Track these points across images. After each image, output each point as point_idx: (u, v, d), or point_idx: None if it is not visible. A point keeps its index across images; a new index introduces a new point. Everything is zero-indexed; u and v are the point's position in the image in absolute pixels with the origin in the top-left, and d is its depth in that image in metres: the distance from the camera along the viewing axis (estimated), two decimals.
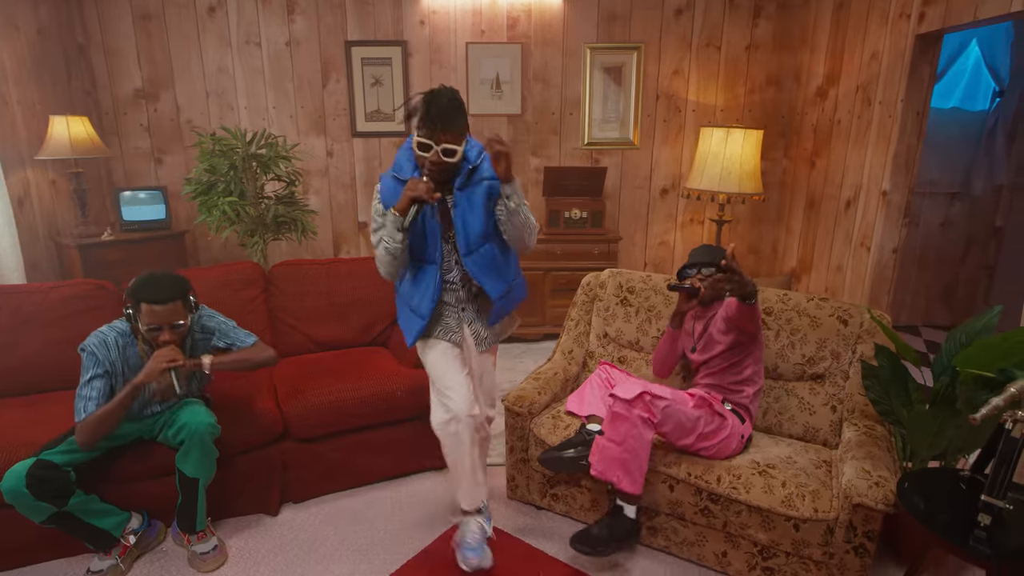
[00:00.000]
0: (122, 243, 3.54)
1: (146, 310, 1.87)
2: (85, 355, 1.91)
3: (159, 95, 4.03)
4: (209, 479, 2.03)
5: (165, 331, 1.90)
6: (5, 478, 1.76)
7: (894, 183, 3.15)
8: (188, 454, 1.95)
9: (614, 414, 1.95)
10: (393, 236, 1.77)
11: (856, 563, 1.77)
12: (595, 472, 1.97)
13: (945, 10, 2.75)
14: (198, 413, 1.98)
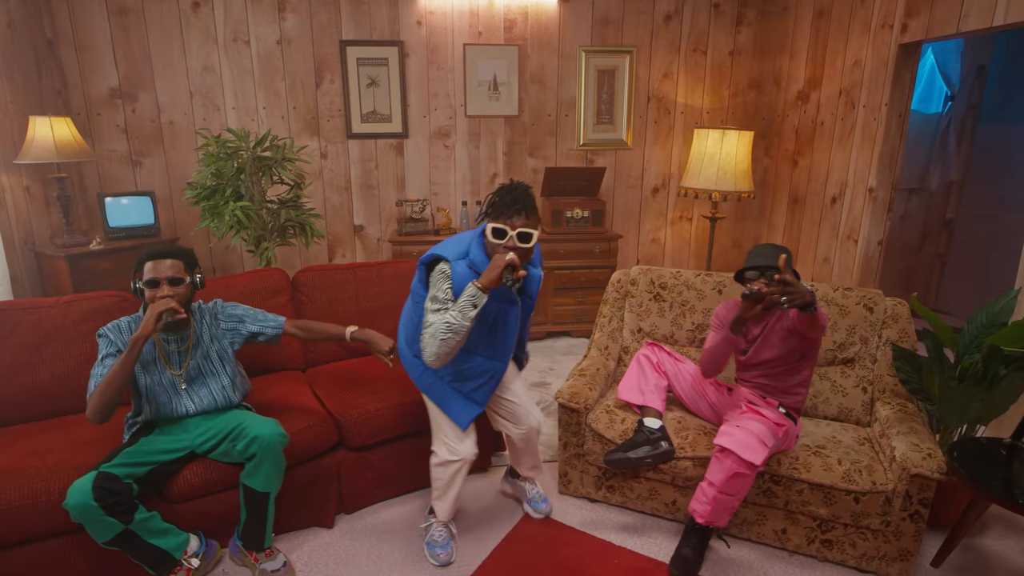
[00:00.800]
0: (112, 252, 3.32)
1: (147, 268, 1.89)
2: (100, 339, 1.91)
3: (137, 95, 3.81)
4: (277, 492, 1.97)
5: (163, 285, 1.88)
6: (70, 494, 1.65)
7: (880, 180, 3.42)
8: (259, 467, 1.89)
9: (736, 473, 1.91)
10: (464, 313, 1.72)
11: (911, 528, 1.94)
12: (702, 520, 1.99)
13: (928, 22, 3.02)
14: (266, 423, 1.91)
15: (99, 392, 1.78)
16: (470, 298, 1.72)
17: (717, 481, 1.95)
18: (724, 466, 1.93)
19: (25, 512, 1.75)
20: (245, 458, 1.90)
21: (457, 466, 2.02)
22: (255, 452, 1.87)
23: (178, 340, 2.02)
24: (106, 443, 2.01)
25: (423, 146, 4.16)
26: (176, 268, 1.92)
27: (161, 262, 1.90)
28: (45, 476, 1.80)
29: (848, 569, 2.07)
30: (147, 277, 1.88)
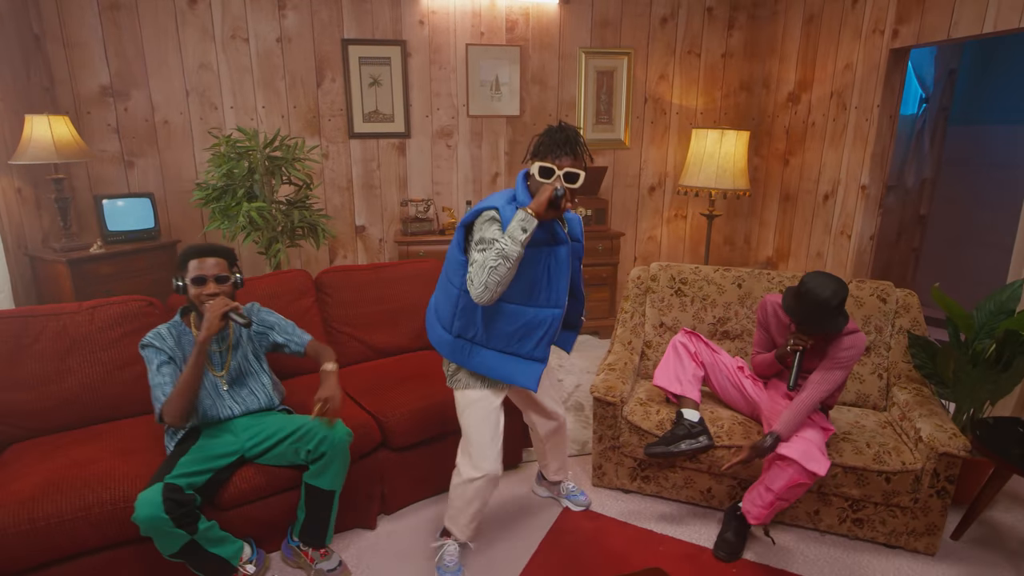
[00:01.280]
0: (113, 256, 3.21)
1: (192, 266, 1.90)
2: (145, 350, 1.89)
3: (130, 93, 3.68)
4: (341, 490, 1.97)
5: (210, 282, 1.89)
6: (139, 507, 1.61)
7: (872, 178, 3.60)
8: (328, 466, 1.89)
9: (799, 483, 1.95)
10: (515, 238, 1.61)
11: (938, 504, 2.06)
12: (756, 522, 2.06)
13: (919, 28, 3.19)
14: (335, 425, 1.91)
15: (178, 397, 1.81)
16: (520, 222, 1.61)
17: (777, 488, 1.99)
18: (787, 475, 1.97)
19: (77, 525, 1.69)
20: (313, 459, 1.88)
21: (479, 484, 1.91)
22: (325, 451, 1.87)
23: (218, 340, 2.01)
24: (146, 451, 1.96)
25: (425, 146, 4.15)
26: (221, 266, 1.93)
27: (206, 260, 1.91)
28: (95, 487, 1.75)
29: (877, 545, 2.18)
30: (193, 274, 1.89)
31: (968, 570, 2.06)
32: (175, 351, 1.91)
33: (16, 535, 1.62)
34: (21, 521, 1.63)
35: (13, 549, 1.63)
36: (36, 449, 1.96)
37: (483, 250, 1.67)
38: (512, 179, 4.36)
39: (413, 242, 3.89)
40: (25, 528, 1.63)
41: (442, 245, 3.90)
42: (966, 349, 2.25)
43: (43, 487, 1.73)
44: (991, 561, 2.11)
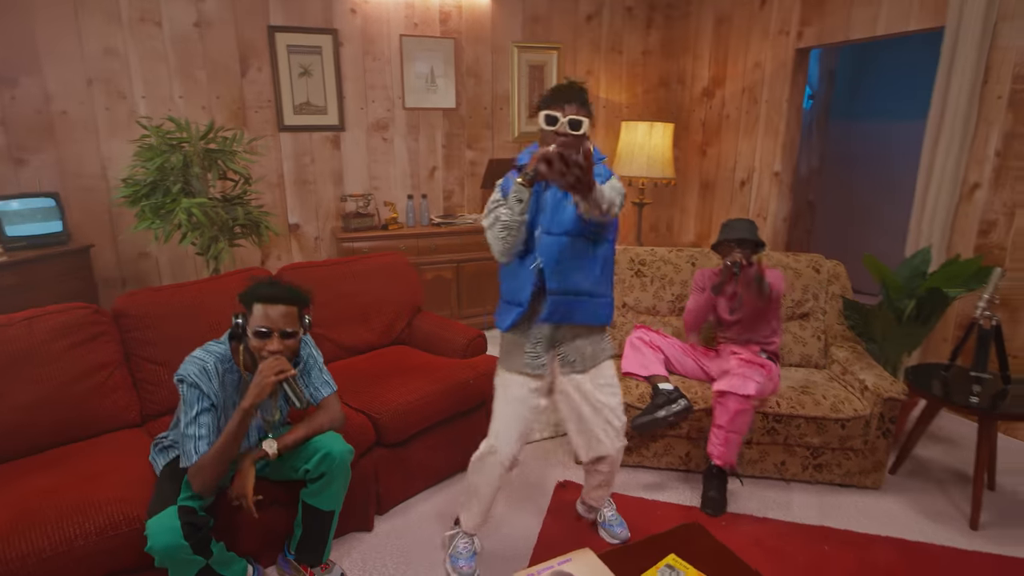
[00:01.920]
0: (16, 265, 2.81)
1: (259, 312, 1.63)
2: (186, 387, 1.60)
3: (18, 80, 3.22)
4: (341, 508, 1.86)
5: (275, 338, 1.63)
6: (154, 536, 1.44)
7: (784, 165, 4.00)
8: (329, 485, 1.77)
9: (739, 410, 2.22)
10: (513, 208, 1.59)
11: (883, 444, 2.36)
12: (719, 461, 2.26)
13: (821, 30, 3.59)
14: (334, 439, 1.78)
15: (211, 465, 1.56)
16: (515, 193, 1.59)
17: (724, 422, 2.25)
18: (728, 407, 2.25)
19: (60, 561, 1.48)
20: (314, 477, 1.75)
21: (491, 461, 1.85)
22: (326, 471, 1.74)
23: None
24: (116, 471, 1.75)
25: (361, 139, 4.02)
26: (290, 318, 1.66)
27: (275, 308, 1.63)
28: (74, 517, 1.55)
29: (834, 487, 2.46)
30: (258, 325, 1.62)
31: (909, 497, 2.38)
32: (218, 395, 1.64)
33: None
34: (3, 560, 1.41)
35: None
36: None
37: (491, 210, 1.68)
38: (451, 174, 4.33)
39: (356, 239, 3.75)
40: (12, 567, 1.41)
41: (386, 241, 3.80)
42: (892, 308, 2.58)
43: (12, 523, 1.50)
44: (924, 489, 2.45)
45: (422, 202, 4.05)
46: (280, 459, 1.77)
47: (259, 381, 1.59)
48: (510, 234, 1.65)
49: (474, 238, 4.02)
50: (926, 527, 2.20)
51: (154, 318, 2.15)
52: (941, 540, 2.13)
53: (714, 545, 1.50)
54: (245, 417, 1.59)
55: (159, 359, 2.14)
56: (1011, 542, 2.12)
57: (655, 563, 1.43)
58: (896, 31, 3.18)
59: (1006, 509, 2.32)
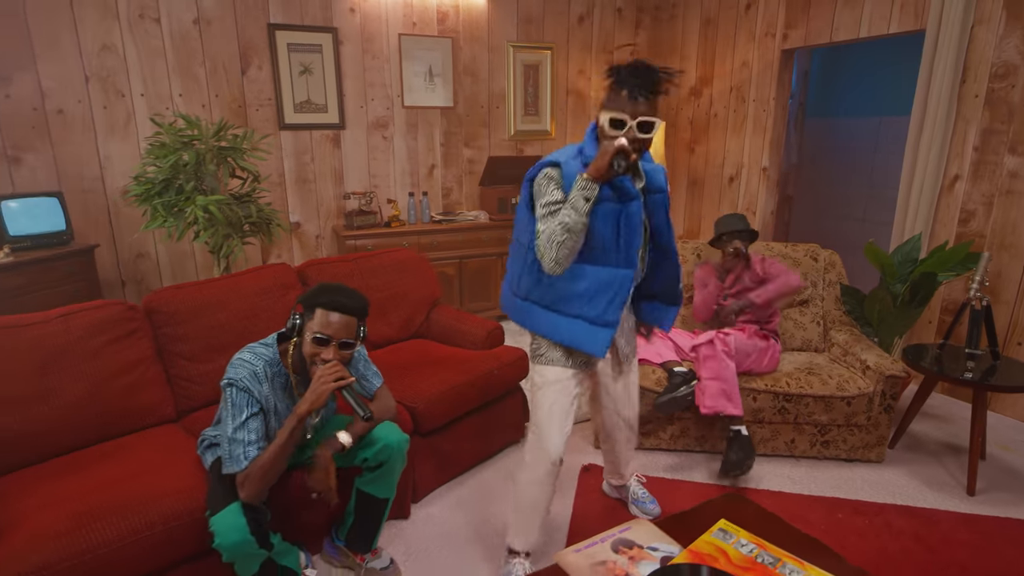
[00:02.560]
0: (23, 265, 2.75)
1: (321, 317, 1.60)
2: (235, 391, 1.57)
3: (12, 77, 3.15)
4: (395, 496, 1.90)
5: (332, 347, 1.59)
6: (221, 534, 1.46)
7: (771, 161, 4.18)
8: (387, 474, 1.80)
9: (705, 356, 2.45)
10: (578, 209, 1.53)
11: (885, 419, 2.52)
12: (707, 410, 2.40)
13: (806, 32, 3.78)
14: (391, 429, 1.81)
15: (262, 472, 1.53)
16: (580, 191, 1.52)
17: (702, 374, 2.46)
18: (699, 359, 2.51)
19: (129, 551, 1.50)
20: (372, 466, 1.79)
21: (542, 473, 1.80)
22: (385, 460, 1.77)
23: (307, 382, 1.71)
24: (169, 466, 1.76)
25: (361, 137, 4.03)
26: (350, 329, 1.63)
27: (338, 317, 1.59)
28: (138, 509, 1.55)
29: (840, 461, 2.61)
30: (318, 331, 1.58)
31: (909, 469, 2.55)
32: (267, 399, 1.63)
33: (62, 572, 1.40)
34: (65, 557, 1.41)
35: None
36: (36, 480, 1.68)
37: (546, 216, 1.58)
38: (449, 171, 4.38)
39: (360, 236, 3.77)
40: (71, 564, 1.41)
41: (389, 238, 3.83)
42: (887, 293, 2.75)
43: (76, 517, 1.50)
44: (922, 460, 2.62)
45: (423, 199, 4.09)
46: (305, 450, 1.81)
47: (316, 388, 1.57)
48: (571, 238, 1.55)
49: (475, 235, 4.08)
50: (928, 495, 2.37)
51: (185, 314, 2.15)
52: (943, 506, 2.29)
53: (759, 511, 1.61)
54: (300, 423, 1.56)
55: (190, 355, 2.14)
56: (1006, 505, 2.30)
57: (708, 528, 1.52)
58: (878, 34, 3.38)
59: (997, 477, 2.50)
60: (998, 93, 2.90)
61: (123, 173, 3.44)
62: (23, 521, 1.51)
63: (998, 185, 2.94)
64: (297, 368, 1.69)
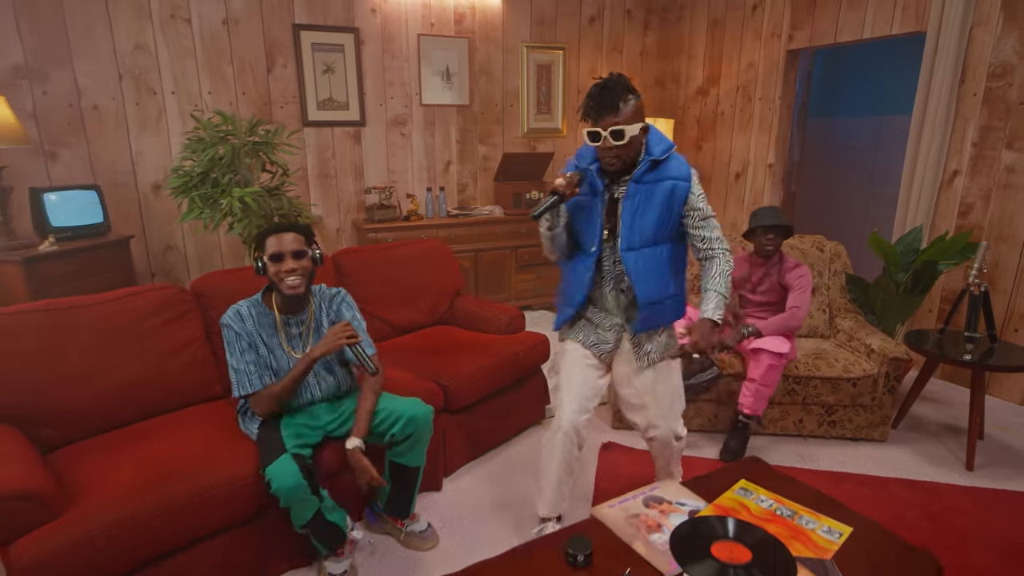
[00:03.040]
0: (68, 254, 2.88)
1: (270, 243, 1.84)
2: (225, 330, 1.84)
3: (49, 74, 3.28)
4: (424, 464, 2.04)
5: (288, 258, 1.82)
6: (276, 479, 1.62)
7: (776, 157, 4.32)
8: (415, 445, 1.94)
9: (770, 366, 2.49)
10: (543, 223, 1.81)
11: (889, 399, 2.66)
12: (748, 410, 2.54)
13: (811, 33, 3.92)
14: (414, 403, 1.95)
15: (269, 400, 1.81)
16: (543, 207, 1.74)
17: (756, 376, 2.53)
18: (761, 363, 2.51)
19: (199, 508, 1.63)
20: (400, 439, 1.92)
21: (556, 435, 1.89)
22: (411, 432, 1.91)
23: (297, 323, 1.95)
24: (227, 436, 1.89)
25: (380, 134, 4.17)
26: (299, 241, 1.87)
27: (284, 236, 1.85)
28: (203, 471, 1.69)
29: (846, 440, 2.75)
30: (271, 251, 1.83)
31: (911, 447, 2.69)
32: (252, 335, 1.85)
33: (138, 526, 1.53)
34: (142, 511, 1.55)
35: (136, 540, 1.54)
36: (103, 448, 1.81)
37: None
38: (464, 168, 4.52)
39: (380, 229, 3.90)
40: (148, 517, 1.55)
41: (408, 232, 3.96)
42: (890, 281, 2.89)
43: (146, 477, 1.64)
44: (923, 440, 2.76)
45: (440, 194, 4.23)
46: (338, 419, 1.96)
47: (330, 339, 1.81)
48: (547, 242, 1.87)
49: (489, 229, 4.22)
50: (929, 470, 2.51)
51: (229, 297, 2.27)
52: (944, 479, 2.43)
53: (775, 474, 1.75)
54: (310, 364, 1.81)
55: None
56: (1003, 479, 2.44)
57: (729, 487, 1.66)
58: (881, 35, 3.52)
59: (994, 454, 2.64)
60: (996, 92, 3.04)
61: (154, 168, 3.57)
62: (99, 481, 1.64)
63: (995, 179, 3.08)
64: (280, 307, 1.91)
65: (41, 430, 1.82)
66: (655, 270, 1.81)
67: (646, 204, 1.77)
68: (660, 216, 1.77)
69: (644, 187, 1.77)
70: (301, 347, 1.96)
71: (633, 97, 1.70)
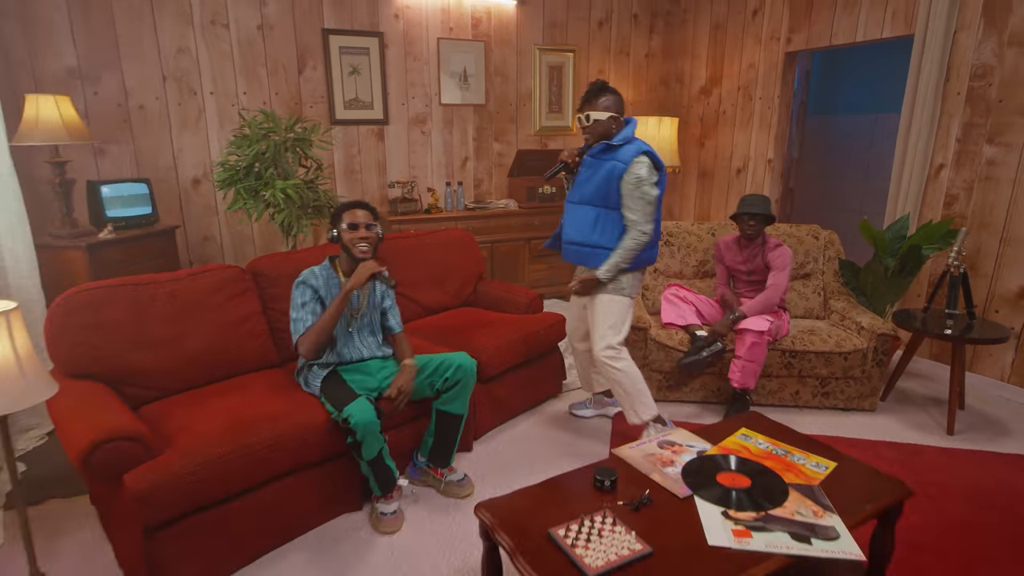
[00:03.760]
0: (124, 242, 3.14)
1: (346, 215, 2.17)
2: (298, 287, 2.15)
3: (100, 76, 3.54)
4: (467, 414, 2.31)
5: (361, 228, 2.15)
6: (355, 415, 1.89)
7: (775, 153, 4.57)
8: (461, 392, 2.21)
9: (753, 343, 2.76)
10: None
11: (877, 372, 2.91)
12: (737, 384, 2.80)
13: (808, 36, 4.17)
14: (463, 355, 2.23)
15: (315, 333, 2.07)
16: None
17: (742, 353, 2.80)
18: (745, 341, 2.79)
19: (280, 448, 1.89)
20: (450, 386, 2.19)
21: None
22: (460, 378, 2.19)
23: (359, 290, 2.23)
24: (287, 395, 2.15)
25: (402, 132, 4.43)
26: (368, 217, 2.19)
27: (358, 211, 2.19)
28: (278, 421, 1.95)
29: (838, 410, 3.00)
30: (348, 222, 2.15)
31: (898, 416, 2.94)
32: (321, 291, 2.15)
33: (221, 466, 1.79)
34: (232, 451, 1.80)
35: (219, 477, 1.79)
36: (184, 404, 2.07)
37: None
38: (480, 164, 4.78)
39: (403, 221, 4.15)
40: (236, 456, 1.81)
41: (429, 223, 4.21)
42: (880, 265, 3.14)
43: (231, 424, 1.89)
44: (908, 410, 3.01)
45: (458, 189, 4.49)
46: (416, 376, 2.21)
47: (360, 271, 2.11)
48: None
49: (505, 221, 4.47)
50: (914, 435, 2.76)
51: (284, 276, 2.54)
52: (926, 442, 2.68)
53: (772, 424, 2.00)
54: (345, 297, 2.08)
55: (287, 311, 2.53)
56: (980, 442, 2.69)
57: (732, 433, 1.91)
58: (872, 38, 3.77)
59: (974, 421, 2.89)
60: (977, 91, 3.29)
61: (193, 164, 3.83)
62: (185, 430, 1.90)
63: (978, 172, 3.33)
64: (346, 271, 2.21)
65: (128, 389, 2.08)
66: (582, 219, 2.46)
67: (591, 174, 2.42)
68: (598, 186, 2.39)
69: (594, 161, 2.42)
70: (358, 309, 2.23)
71: (605, 95, 2.39)
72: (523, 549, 1.39)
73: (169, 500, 1.70)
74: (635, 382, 2.48)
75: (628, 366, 2.48)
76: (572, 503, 1.57)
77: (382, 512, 2.09)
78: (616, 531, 1.42)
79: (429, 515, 2.19)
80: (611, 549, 1.36)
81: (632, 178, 2.31)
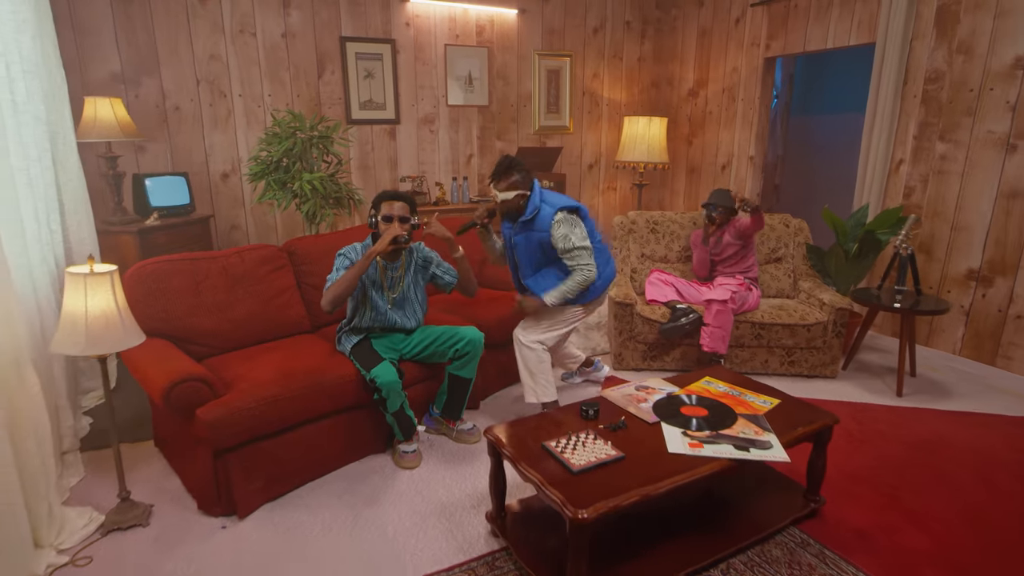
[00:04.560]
0: (166, 228, 3.52)
1: (384, 206, 2.43)
2: (338, 258, 2.42)
3: (141, 80, 3.92)
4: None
5: (395, 221, 2.41)
6: (380, 376, 2.25)
7: (757, 150, 4.95)
8: (471, 360, 2.57)
9: (717, 311, 3.16)
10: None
11: (836, 343, 3.29)
12: (708, 348, 3.18)
13: (785, 43, 4.55)
14: (471, 329, 2.58)
15: (335, 288, 2.32)
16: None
17: (709, 320, 3.19)
18: (711, 309, 3.19)
19: (322, 392, 2.28)
20: (459, 355, 2.55)
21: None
22: (470, 350, 2.55)
23: (393, 267, 2.55)
24: (325, 356, 2.52)
25: (412, 131, 4.81)
26: (404, 209, 2.44)
27: (394, 203, 2.43)
28: (316, 373, 2.32)
29: (803, 377, 3.38)
30: (383, 213, 2.43)
31: (855, 382, 3.32)
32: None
33: (275, 405, 2.17)
34: (282, 394, 2.18)
35: (274, 414, 2.17)
36: (237, 359, 2.45)
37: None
38: (484, 160, 5.16)
39: None
40: (286, 398, 2.19)
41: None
42: (841, 249, 3.52)
43: (280, 374, 2.27)
44: (865, 378, 3.39)
45: (464, 183, 4.86)
46: (433, 345, 2.57)
47: (384, 238, 2.37)
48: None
49: None
50: (867, 396, 3.14)
51: (314, 255, 2.92)
52: (875, 401, 3.06)
53: (733, 374, 2.38)
54: (368, 258, 2.33)
55: (318, 285, 2.91)
56: (924, 401, 3.07)
57: (698, 380, 2.29)
58: (840, 45, 4.15)
59: (921, 386, 3.27)
60: (931, 93, 3.67)
61: (223, 159, 4.22)
62: (242, 378, 2.27)
63: (932, 166, 3.71)
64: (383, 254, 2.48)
65: (190, 346, 2.46)
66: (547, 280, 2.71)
67: (526, 245, 2.67)
68: (541, 254, 2.67)
69: (523, 235, 2.66)
70: (394, 287, 2.58)
71: (512, 174, 2.56)
72: (523, 456, 1.77)
73: (233, 430, 2.08)
74: (540, 363, 2.74)
75: (540, 350, 2.73)
76: (562, 427, 1.95)
77: (404, 451, 2.47)
78: (596, 443, 1.80)
79: (443, 456, 2.57)
80: (592, 454, 1.74)
81: (559, 236, 2.55)
